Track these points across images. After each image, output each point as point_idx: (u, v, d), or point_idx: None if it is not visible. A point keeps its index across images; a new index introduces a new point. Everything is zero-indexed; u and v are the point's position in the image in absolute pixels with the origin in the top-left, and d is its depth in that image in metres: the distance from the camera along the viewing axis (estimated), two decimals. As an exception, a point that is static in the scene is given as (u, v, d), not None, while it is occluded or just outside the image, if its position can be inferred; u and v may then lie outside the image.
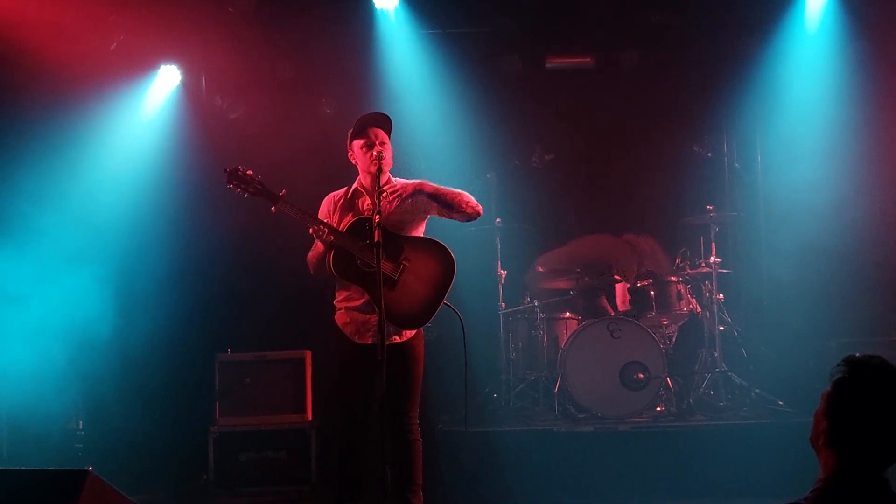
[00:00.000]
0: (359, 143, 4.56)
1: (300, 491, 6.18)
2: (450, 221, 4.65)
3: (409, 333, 4.50)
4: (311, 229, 4.36)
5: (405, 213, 4.55)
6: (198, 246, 6.90)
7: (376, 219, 4.14)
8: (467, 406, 4.76)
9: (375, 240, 4.10)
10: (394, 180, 4.61)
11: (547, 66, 7.59)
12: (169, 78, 7.12)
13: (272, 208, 4.38)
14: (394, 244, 4.42)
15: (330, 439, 5.95)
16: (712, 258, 6.84)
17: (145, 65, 7.01)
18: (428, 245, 4.55)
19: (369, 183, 4.52)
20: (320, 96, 7.39)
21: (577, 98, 7.57)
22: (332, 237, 4.35)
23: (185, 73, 7.17)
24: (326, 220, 4.52)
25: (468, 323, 4.51)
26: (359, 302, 4.47)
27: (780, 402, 6.39)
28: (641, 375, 6.35)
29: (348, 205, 4.61)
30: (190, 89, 7.27)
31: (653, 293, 6.76)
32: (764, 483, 5.51)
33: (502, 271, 7.03)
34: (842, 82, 6.94)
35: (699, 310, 6.92)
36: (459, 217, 4.60)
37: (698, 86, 7.42)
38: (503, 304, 7.04)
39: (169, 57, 7.06)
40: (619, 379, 6.36)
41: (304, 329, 6.57)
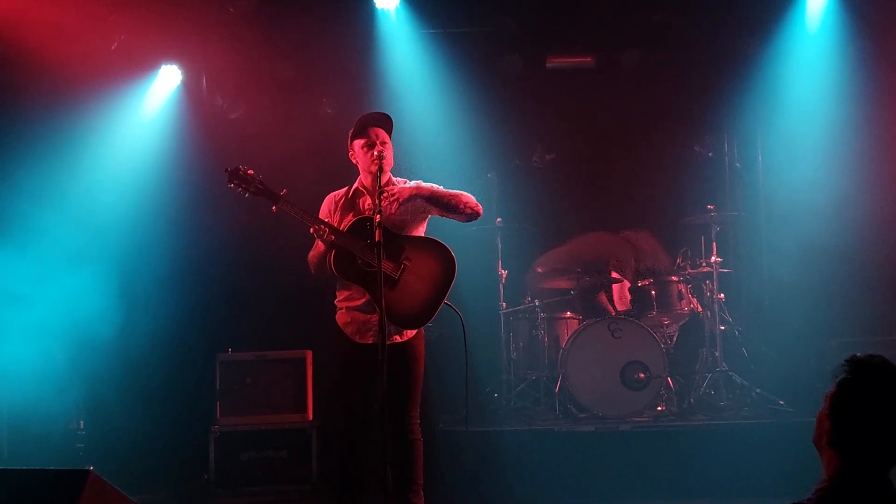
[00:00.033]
0: (359, 142, 4.56)
1: (301, 490, 6.19)
2: (450, 221, 4.65)
3: (410, 333, 4.50)
4: (311, 229, 4.35)
5: (405, 213, 4.55)
6: (198, 245, 6.91)
7: (377, 218, 4.13)
8: (468, 406, 4.76)
9: (376, 239, 4.10)
10: (394, 180, 4.61)
11: (548, 65, 7.59)
12: (169, 78, 7.12)
13: (273, 208, 4.38)
14: (395, 244, 4.41)
15: (331, 439, 5.94)
16: (713, 258, 6.83)
17: (146, 65, 7.01)
18: (429, 245, 4.55)
19: (370, 182, 4.52)
20: (321, 96, 7.39)
21: (578, 98, 7.57)
22: (332, 237, 4.34)
23: (186, 73, 7.17)
24: (327, 219, 4.52)
25: (469, 323, 4.51)
26: (360, 302, 4.47)
27: (781, 402, 6.39)
28: (642, 375, 6.35)
29: (349, 204, 4.61)
30: (190, 89, 7.28)
31: (654, 293, 6.77)
32: (765, 483, 5.52)
33: (503, 271, 7.03)
34: (842, 82, 6.93)
35: (700, 309, 6.92)
36: (459, 218, 4.59)
37: (699, 85, 7.42)
38: (504, 304, 7.04)
39: (169, 57, 7.06)
40: (620, 378, 6.36)
41: (305, 329, 6.57)
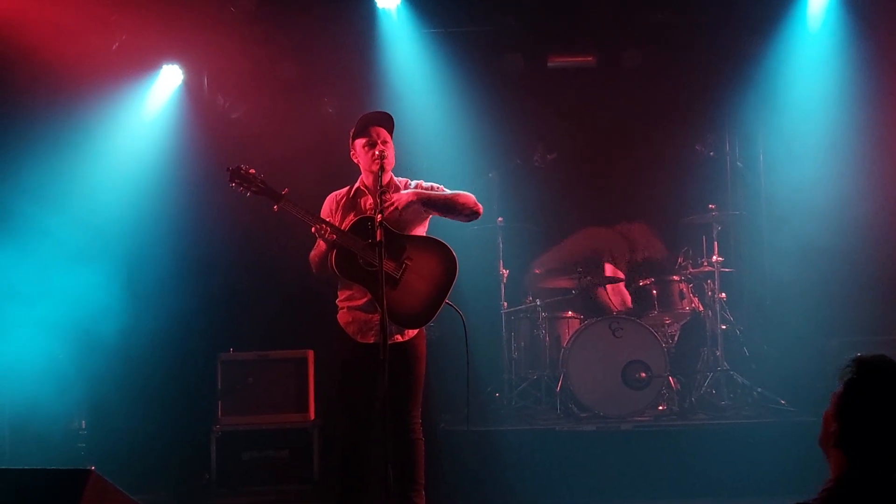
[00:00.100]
0: (361, 141, 4.56)
1: (302, 490, 6.19)
2: (451, 220, 4.65)
3: (412, 333, 4.50)
4: (313, 228, 4.35)
5: (405, 214, 4.55)
6: (200, 245, 6.91)
7: (378, 218, 4.14)
8: (469, 405, 4.76)
9: (377, 239, 4.11)
10: (396, 180, 4.61)
11: (549, 65, 7.59)
12: (171, 78, 7.12)
13: (274, 207, 4.38)
14: (396, 243, 4.42)
15: (332, 438, 5.95)
16: (714, 257, 6.84)
17: (147, 64, 7.01)
18: (430, 244, 4.55)
19: (371, 182, 4.53)
20: (322, 95, 7.39)
21: (580, 97, 7.57)
22: (334, 236, 4.35)
23: (187, 73, 7.17)
24: (328, 219, 4.52)
25: (470, 322, 4.51)
26: (361, 301, 4.47)
27: (783, 402, 6.39)
28: (643, 374, 6.35)
29: (350, 204, 4.61)
30: (192, 89, 7.27)
31: (655, 292, 6.77)
32: (766, 482, 5.53)
33: (504, 270, 7.04)
34: (844, 81, 6.91)
35: (701, 309, 6.93)
36: (459, 218, 4.60)
37: (700, 85, 7.42)
38: (505, 304, 7.04)
39: (171, 57, 7.06)
40: (622, 378, 6.36)
41: (307, 328, 6.57)
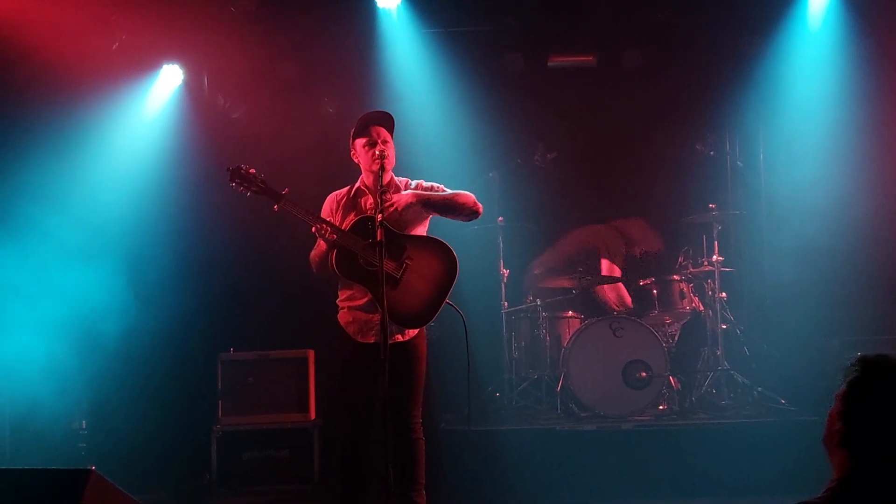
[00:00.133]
0: (361, 141, 4.56)
1: (303, 490, 6.19)
2: (452, 220, 4.65)
3: (412, 332, 4.50)
4: (313, 228, 4.35)
5: (406, 215, 4.55)
6: (200, 245, 6.91)
7: (379, 217, 4.14)
8: (470, 405, 4.77)
9: (378, 239, 4.11)
10: (396, 179, 4.61)
11: (549, 64, 7.59)
12: (171, 77, 7.12)
13: (275, 207, 4.38)
14: (396, 243, 4.41)
15: (333, 438, 5.95)
16: (715, 257, 6.84)
17: (147, 64, 7.01)
18: (430, 244, 4.55)
19: (372, 182, 4.53)
20: (322, 95, 7.39)
21: (580, 97, 7.57)
22: (334, 236, 4.35)
23: (188, 73, 7.17)
24: (329, 218, 4.52)
25: (471, 322, 4.51)
26: (361, 301, 4.47)
27: (783, 401, 6.38)
28: (644, 374, 6.35)
29: (351, 204, 4.61)
30: (192, 89, 7.27)
31: (655, 292, 6.77)
32: (766, 481, 5.53)
33: (505, 270, 7.03)
34: (844, 81, 6.92)
35: (702, 308, 6.93)
36: (459, 218, 4.60)
37: (700, 84, 7.41)
38: (506, 303, 7.04)
39: (171, 57, 7.06)
40: (622, 377, 6.36)
41: (307, 328, 6.57)
